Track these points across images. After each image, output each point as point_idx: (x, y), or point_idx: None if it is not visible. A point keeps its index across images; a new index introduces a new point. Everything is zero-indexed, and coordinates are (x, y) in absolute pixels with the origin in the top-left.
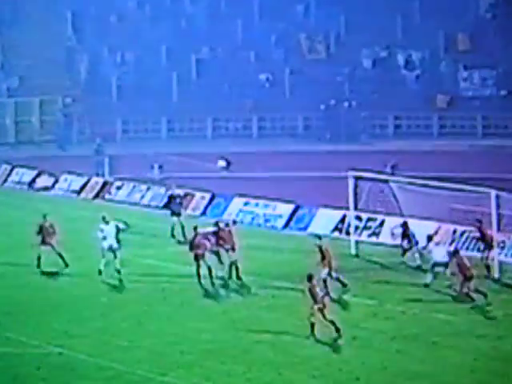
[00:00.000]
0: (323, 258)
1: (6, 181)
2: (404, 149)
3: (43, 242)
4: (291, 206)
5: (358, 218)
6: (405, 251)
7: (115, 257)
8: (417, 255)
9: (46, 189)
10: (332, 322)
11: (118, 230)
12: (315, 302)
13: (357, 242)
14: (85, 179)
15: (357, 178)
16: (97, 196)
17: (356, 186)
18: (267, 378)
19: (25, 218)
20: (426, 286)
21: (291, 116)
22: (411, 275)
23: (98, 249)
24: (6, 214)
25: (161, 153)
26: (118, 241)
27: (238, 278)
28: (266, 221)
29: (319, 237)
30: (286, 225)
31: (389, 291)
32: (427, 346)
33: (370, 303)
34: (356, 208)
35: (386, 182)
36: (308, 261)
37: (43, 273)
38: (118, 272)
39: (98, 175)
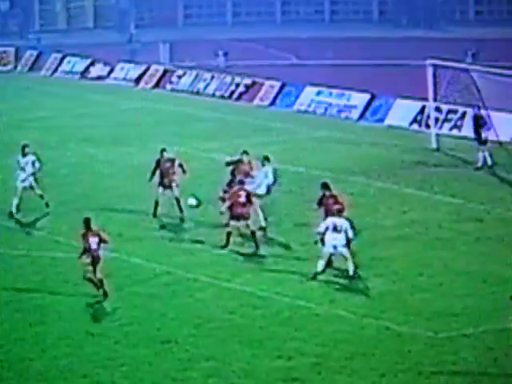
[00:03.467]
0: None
1: (56, 70)
2: (486, 36)
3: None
4: (366, 96)
5: (438, 110)
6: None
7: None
8: (486, 153)
9: (100, 78)
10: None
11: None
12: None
13: (437, 136)
14: (143, 67)
15: (436, 67)
16: (157, 85)
17: (435, 76)
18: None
19: (76, 109)
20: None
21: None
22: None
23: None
24: (55, 106)
25: (226, 39)
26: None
27: None
28: (340, 111)
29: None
30: (361, 116)
31: (472, 189)
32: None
33: (453, 201)
34: (435, 99)
35: (466, 71)
36: (386, 155)
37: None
38: None
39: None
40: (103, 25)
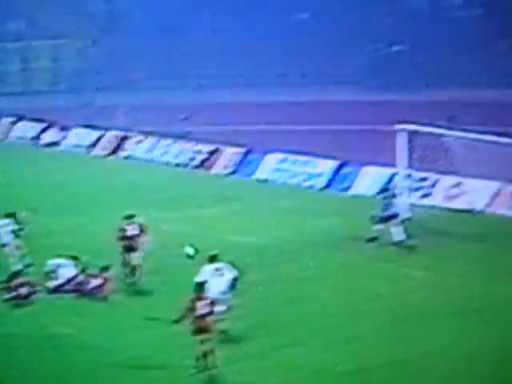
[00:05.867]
0: None
1: (7, 136)
2: (463, 99)
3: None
4: (333, 163)
5: (409, 178)
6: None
7: None
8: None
9: (53, 144)
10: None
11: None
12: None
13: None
14: (99, 133)
15: (409, 132)
16: (113, 152)
17: (409, 141)
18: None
19: (28, 178)
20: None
21: (337, 62)
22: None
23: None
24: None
25: (188, 103)
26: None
27: None
28: (305, 180)
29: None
30: (328, 185)
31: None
32: (489, 323)
33: (423, 275)
34: (409, 166)
35: (442, 136)
36: (353, 225)
37: None
38: None
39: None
40: (59, 88)
